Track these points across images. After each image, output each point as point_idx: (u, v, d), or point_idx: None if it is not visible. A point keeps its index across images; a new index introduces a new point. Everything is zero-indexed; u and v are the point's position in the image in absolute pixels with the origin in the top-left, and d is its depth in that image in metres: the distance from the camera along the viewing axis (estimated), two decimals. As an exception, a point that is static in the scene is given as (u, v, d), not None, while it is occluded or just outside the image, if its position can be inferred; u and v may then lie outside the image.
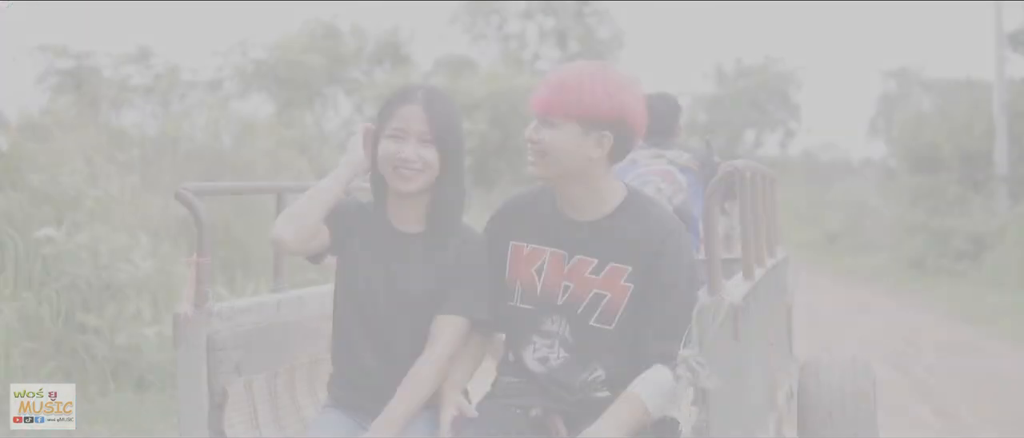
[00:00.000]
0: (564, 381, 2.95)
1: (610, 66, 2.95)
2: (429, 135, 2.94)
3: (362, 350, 3.04)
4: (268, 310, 3.37)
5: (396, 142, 2.94)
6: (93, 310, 6.89)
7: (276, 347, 3.35)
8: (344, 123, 17.86)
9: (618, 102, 2.86)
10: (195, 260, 3.05)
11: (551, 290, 2.96)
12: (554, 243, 2.99)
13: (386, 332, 3.02)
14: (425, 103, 2.97)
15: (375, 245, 3.04)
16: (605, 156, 2.90)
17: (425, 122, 2.94)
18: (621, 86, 2.88)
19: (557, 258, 2.97)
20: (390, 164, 2.95)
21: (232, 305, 3.19)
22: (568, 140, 2.86)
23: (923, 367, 9.16)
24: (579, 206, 2.96)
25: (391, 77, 17.70)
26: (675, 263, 2.89)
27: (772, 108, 46.18)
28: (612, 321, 2.92)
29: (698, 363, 2.66)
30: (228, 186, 3.55)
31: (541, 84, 2.95)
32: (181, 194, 3.03)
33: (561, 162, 2.88)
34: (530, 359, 2.99)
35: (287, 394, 3.39)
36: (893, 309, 13.93)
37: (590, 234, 2.95)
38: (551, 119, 2.88)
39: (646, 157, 5.76)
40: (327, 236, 2.99)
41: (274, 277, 3.64)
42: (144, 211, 8.42)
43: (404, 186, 2.95)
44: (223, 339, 3.09)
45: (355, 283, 3.03)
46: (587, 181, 2.93)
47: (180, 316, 3.02)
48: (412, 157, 2.93)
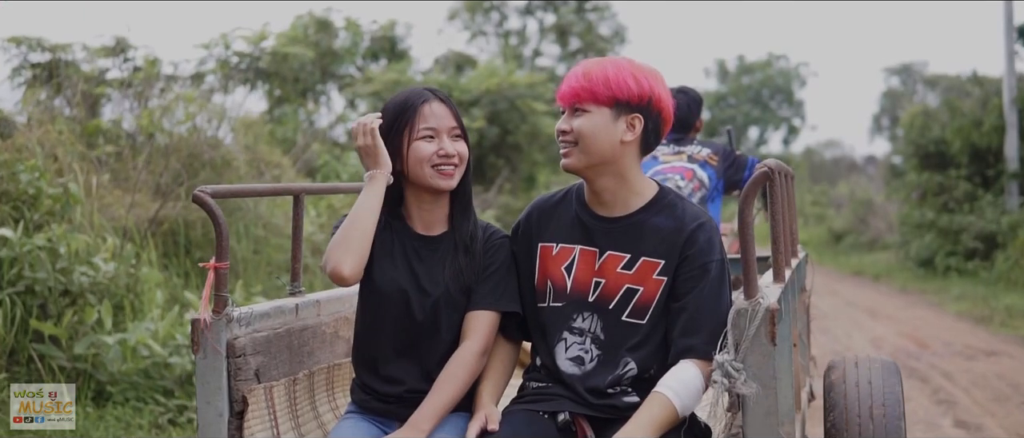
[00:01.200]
0: (595, 384, 2.98)
1: (632, 60, 3.00)
2: (458, 130, 3.06)
3: (387, 356, 3.10)
4: (287, 314, 3.38)
5: (431, 142, 3.01)
6: (50, 317, 6.51)
7: (295, 352, 3.37)
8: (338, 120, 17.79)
9: (647, 85, 2.93)
10: (213, 265, 3.05)
11: (581, 286, 3.01)
12: (584, 240, 3.03)
13: (412, 337, 3.07)
14: (446, 100, 3.07)
15: (398, 250, 3.09)
16: (637, 142, 2.96)
17: (453, 118, 3.06)
18: (648, 73, 2.96)
19: (587, 255, 3.02)
20: (428, 164, 3.01)
21: (251, 310, 3.19)
22: (600, 125, 2.92)
23: (941, 374, 8.86)
24: (610, 201, 3.01)
25: (387, 73, 17.67)
26: (705, 255, 2.92)
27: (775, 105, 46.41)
28: (645, 316, 2.96)
29: (734, 368, 2.68)
30: (246, 188, 3.53)
31: (565, 79, 3.00)
32: (198, 196, 3.02)
33: (594, 149, 2.94)
34: (563, 360, 3.02)
35: (306, 400, 3.39)
36: (903, 310, 13.83)
37: (621, 229, 3.00)
38: (581, 106, 2.94)
39: (665, 153, 5.77)
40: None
41: (291, 280, 3.63)
42: (111, 211, 8.16)
43: (446, 183, 3.04)
44: (242, 345, 3.10)
45: (380, 289, 3.07)
46: (619, 172, 2.98)
47: (199, 322, 3.03)
48: (452, 151, 3.02)
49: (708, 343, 2.83)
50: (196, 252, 8.68)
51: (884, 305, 14.56)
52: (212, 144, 9.67)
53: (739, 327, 2.70)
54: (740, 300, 2.70)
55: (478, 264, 3.09)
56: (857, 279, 19.60)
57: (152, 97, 10.09)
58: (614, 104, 2.91)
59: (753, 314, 2.67)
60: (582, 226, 3.05)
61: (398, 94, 3.13)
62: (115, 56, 11.04)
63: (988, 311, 12.77)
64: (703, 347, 2.85)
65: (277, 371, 3.25)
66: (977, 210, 18.03)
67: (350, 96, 17.69)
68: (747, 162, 5.96)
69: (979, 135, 18.49)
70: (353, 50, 18.36)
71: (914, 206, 20.48)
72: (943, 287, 16.05)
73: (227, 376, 3.06)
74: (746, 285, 2.70)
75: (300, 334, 3.40)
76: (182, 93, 10.38)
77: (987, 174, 18.65)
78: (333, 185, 5.16)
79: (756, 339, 2.67)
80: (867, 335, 11.32)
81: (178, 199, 8.80)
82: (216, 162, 9.44)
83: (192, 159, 9.37)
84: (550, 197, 3.19)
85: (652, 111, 2.95)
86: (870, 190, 30.62)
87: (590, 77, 2.93)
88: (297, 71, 17.01)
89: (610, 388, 2.97)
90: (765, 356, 2.68)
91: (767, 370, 2.68)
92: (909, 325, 12.13)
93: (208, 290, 3.04)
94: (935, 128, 20.04)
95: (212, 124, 10.25)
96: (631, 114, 2.93)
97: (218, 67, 14.74)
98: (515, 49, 27.29)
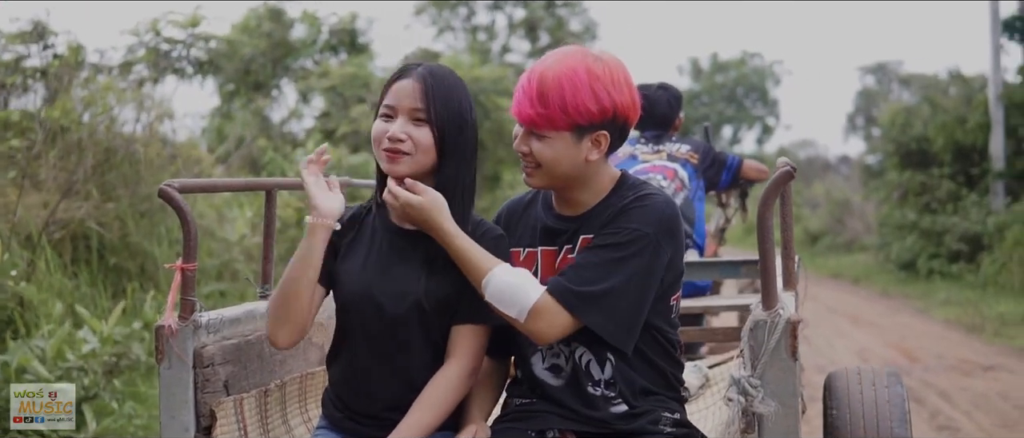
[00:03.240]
0: (579, 393, 2.87)
1: (589, 57, 2.79)
2: (422, 113, 2.81)
3: (362, 364, 2.91)
4: (258, 319, 3.27)
5: (387, 121, 2.84)
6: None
7: (266, 361, 3.26)
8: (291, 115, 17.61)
9: (607, 101, 2.76)
10: (180, 265, 2.92)
11: None
12: (545, 241, 2.94)
13: (388, 342, 2.88)
14: (421, 78, 2.83)
15: (374, 246, 2.93)
16: (602, 154, 2.84)
17: (418, 98, 2.81)
18: (607, 81, 2.77)
19: (549, 255, 2.93)
20: (379, 145, 2.83)
21: (221, 315, 3.08)
22: (561, 149, 2.80)
23: (937, 393, 8.39)
24: (577, 204, 2.92)
25: (345, 67, 17.50)
26: (631, 220, 2.77)
27: (749, 104, 46.83)
28: None
29: (751, 386, 2.58)
30: (217, 183, 3.41)
31: (519, 91, 2.82)
32: (164, 191, 2.89)
33: (558, 172, 2.83)
34: (540, 370, 2.92)
35: (278, 414, 3.29)
36: (887, 316, 13.77)
37: (581, 223, 2.89)
38: (539, 133, 2.80)
39: (645, 152, 5.73)
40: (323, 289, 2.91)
41: (261, 282, 3.52)
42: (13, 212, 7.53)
43: (390, 167, 2.82)
44: (210, 354, 2.98)
45: (353, 289, 2.90)
46: (585, 181, 2.88)
47: (164, 329, 2.90)
48: (399, 135, 2.80)
49: (569, 284, 2.72)
50: (110, 257, 8.14)
51: (866, 311, 14.52)
52: (128, 139, 9.05)
53: (757, 340, 2.60)
54: (758, 311, 2.61)
55: None
56: (836, 282, 19.63)
57: (74, 87, 9.55)
58: (574, 128, 2.77)
59: (772, 326, 2.58)
60: (545, 228, 2.95)
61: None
62: (34, 42, 10.58)
63: (979, 319, 12.62)
64: (562, 285, 2.73)
65: (248, 382, 3.14)
66: (961, 211, 18.11)
67: (303, 89, 17.47)
68: (727, 161, 5.94)
69: (963, 133, 18.60)
70: (310, 43, 18.17)
71: (895, 206, 20.58)
72: (927, 291, 16.08)
73: (194, 388, 2.94)
74: (764, 295, 2.61)
75: None
76: (104, 82, 9.92)
77: (971, 173, 18.76)
78: (303, 180, 5.02)
79: (776, 353, 2.58)
80: (851, 345, 11.16)
81: (88, 198, 8.21)
82: (135, 158, 8.82)
83: (109, 154, 8.74)
84: (520, 199, 3.09)
85: (617, 124, 2.80)
86: (846, 190, 30.75)
87: (546, 101, 2.74)
88: (247, 63, 16.80)
89: (589, 387, 2.84)
90: (785, 372, 2.59)
91: (787, 387, 2.59)
92: (895, 334, 12.00)
93: (174, 294, 2.92)
94: (917, 125, 20.14)
95: (134, 117, 9.79)
96: (595, 133, 2.79)
97: (147, 55, 14.36)
98: (483, 45, 27.21)
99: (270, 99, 17.63)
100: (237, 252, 9.66)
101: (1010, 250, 15.16)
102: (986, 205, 17.79)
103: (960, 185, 18.81)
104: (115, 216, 8.16)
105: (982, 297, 14.55)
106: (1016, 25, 18.47)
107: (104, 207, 8.12)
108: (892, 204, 20.96)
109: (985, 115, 18.20)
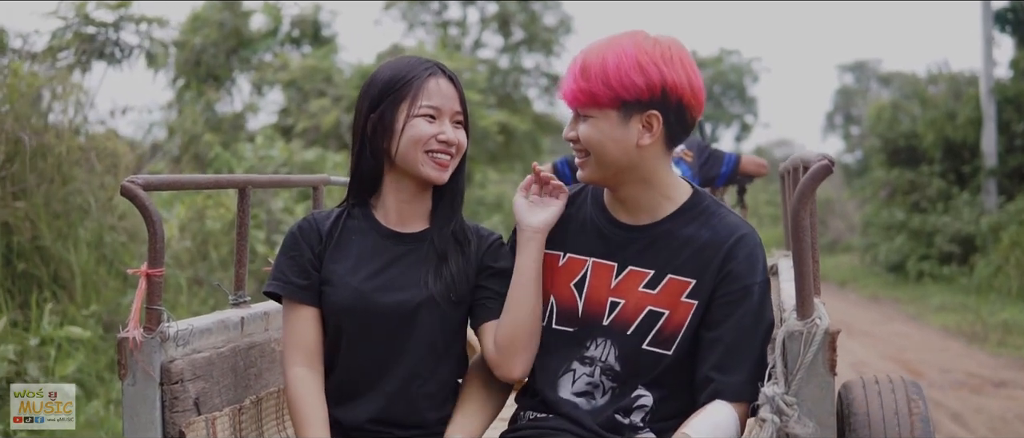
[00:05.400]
0: (607, 420, 2.74)
1: (640, 35, 2.68)
2: (461, 116, 2.85)
3: (352, 376, 2.84)
4: (231, 330, 3.13)
5: (432, 122, 2.79)
6: None
7: (241, 375, 3.10)
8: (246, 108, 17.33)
9: (655, 75, 2.62)
10: (145, 271, 2.76)
11: (595, 308, 2.77)
12: (600, 252, 2.79)
13: (380, 357, 2.82)
14: (453, 79, 2.85)
15: (365, 252, 2.86)
16: (660, 142, 2.69)
17: (458, 101, 2.84)
18: (656, 56, 2.64)
19: (603, 269, 2.77)
20: (423, 147, 2.79)
21: (191, 325, 2.91)
22: (607, 132, 2.66)
23: (948, 414, 7.85)
24: (635, 208, 2.77)
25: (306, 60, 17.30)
26: (747, 275, 2.67)
27: (727, 102, 47.15)
28: (671, 345, 2.71)
29: (786, 403, 2.43)
30: (185, 179, 3.24)
31: (566, 72, 2.75)
32: (127, 188, 2.72)
33: (608, 160, 2.69)
34: (569, 393, 2.78)
35: (254, 432, 3.14)
36: (881, 324, 13.59)
37: (647, 240, 2.75)
38: (583, 112, 2.69)
39: None
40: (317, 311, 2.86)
41: (235, 288, 3.36)
42: None
43: (439, 174, 2.81)
44: (179, 369, 2.81)
45: (344, 298, 2.82)
46: (644, 178, 2.73)
47: (127, 342, 2.74)
48: (454, 139, 2.80)
49: (748, 382, 2.59)
50: (18, 263, 7.42)
51: (858, 318, 14.32)
52: (37, 130, 8.28)
53: (792, 353, 2.45)
54: (792, 321, 2.46)
55: (472, 268, 2.85)
56: (821, 285, 19.51)
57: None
58: (620, 106, 2.64)
59: (809, 337, 2.43)
60: (598, 234, 2.80)
61: (395, 62, 2.88)
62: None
63: (981, 327, 12.39)
64: (741, 387, 2.60)
65: (220, 399, 2.98)
66: (952, 210, 18.12)
67: (256, 81, 17.24)
68: (723, 157, 5.86)
69: (953, 128, 18.62)
70: (269, 34, 17.96)
71: (881, 206, 20.59)
72: (919, 296, 16.02)
73: (161, 407, 2.78)
74: (800, 303, 2.46)
75: (246, 353, 3.13)
76: (13, 64, 9.46)
77: (962, 171, 18.78)
78: (282, 178, 4.88)
79: (813, 368, 2.43)
80: (845, 357, 10.64)
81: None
82: (47, 151, 8.05)
83: (19, 147, 7.94)
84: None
85: (670, 102, 2.64)
86: (828, 189, 30.85)
87: (588, 75, 2.64)
88: (198, 54, 16.55)
89: (618, 414, 2.72)
90: (823, 389, 2.44)
91: (825, 405, 2.44)
92: (892, 345, 11.74)
93: (139, 303, 2.76)
94: (905, 121, 20.14)
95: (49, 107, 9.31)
96: (644, 113, 2.64)
97: (73, 40, 13.96)
98: (455, 40, 27.14)
99: (222, 92, 17.36)
100: (169, 257, 9.16)
101: (1006, 252, 15.08)
102: (979, 204, 17.80)
103: (951, 183, 18.84)
104: (24, 216, 7.51)
105: (979, 302, 14.41)
106: (1008, 17, 18.52)
107: (13, 206, 7.48)
108: (878, 203, 20.96)
109: (976, 110, 18.21)
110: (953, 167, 18.95)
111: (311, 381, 2.80)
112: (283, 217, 10.56)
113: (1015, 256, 14.75)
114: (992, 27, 18.24)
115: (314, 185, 3.99)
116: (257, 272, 7.87)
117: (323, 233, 2.85)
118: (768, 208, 34.34)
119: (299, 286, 2.82)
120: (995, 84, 17.90)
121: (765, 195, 35.50)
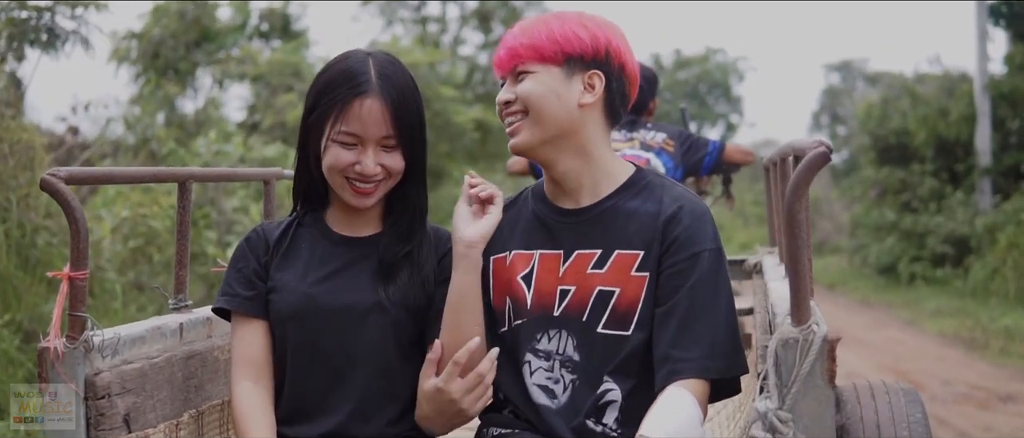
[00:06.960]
0: (578, 428, 2.61)
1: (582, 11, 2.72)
2: (393, 138, 2.67)
3: (305, 390, 2.73)
4: (169, 337, 3.00)
5: (349, 150, 2.66)
6: None
7: (179, 387, 2.96)
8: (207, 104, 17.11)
9: (601, 34, 2.65)
10: (67, 273, 2.59)
11: (545, 299, 2.68)
12: (544, 242, 2.71)
13: (334, 361, 2.71)
14: (384, 94, 2.65)
15: (315, 258, 2.77)
16: (599, 106, 2.65)
17: (388, 123, 2.66)
18: (600, 20, 2.70)
19: (549, 259, 2.70)
20: (340, 176, 2.67)
21: (118, 333, 2.76)
22: (550, 85, 2.61)
23: (955, 433, 7.39)
24: (574, 188, 2.70)
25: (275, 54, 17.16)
26: (695, 242, 2.58)
27: (712, 101, 47.53)
28: (628, 325, 2.61)
29: (780, 420, 2.26)
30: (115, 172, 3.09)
31: (499, 43, 2.71)
32: (48, 181, 2.56)
33: (548, 117, 2.62)
34: (533, 387, 2.68)
35: (193, 451, 2.95)
36: (874, 330, 13.33)
37: (590, 221, 2.67)
38: (523, 68, 2.63)
39: (617, 140, 5.53)
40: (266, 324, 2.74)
41: (174, 292, 3.20)
42: None
43: (359, 201, 2.71)
44: (106, 382, 2.67)
45: (291, 303, 2.72)
46: (582, 147, 2.66)
47: (48, 352, 2.59)
48: (372, 170, 2.66)
49: (707, 357, 2.49)
50: None
51: (849, 323, 13.95)
52: None
53: (786, 364, 2.27)
54: (786, 327, 2.29)
55: (427, 275, 2.76)
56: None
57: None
58: (564, 60, 2.61)
59: (806, 346, 2.26)
60: (541, 225, 2.73)
61: (337, 65, 2.72)
62: None
63: (981, 334, 12.06)
64: (700, 363, 2.49)
65: (154, 414, 2.83)
66: (945, 210, 18.02)
67: (218, 75, 17.04)
68: (708, 144, 5.74)
69: (946, 126, 18.53)
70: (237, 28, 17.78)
71: (871, 206, 20.53)
72: (912, 299, 15.87)
73: (86, 425, 2.64)
74: (795, 306, 2.31)
75: (185, 363, 2.99)
76: None
77: (956, 169, 18.69)
78: (227, 170, 4.70)
79: (810, 379, 2.28)
80: (838, 368, 10.53)
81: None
82: None
83: None
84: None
85: (613, 66, 2.64)
86: (816, 188, 30.85)
87: (530, 33, 2.64)
88: (156, 46, 16.35)
89: (589, 420, 2.60)
90: (821, 402, 2.29)
91: (824, 421, 2.28)
92: (888, 354, 11.41)
93: (60, 308, 2.61)
94: (895, 118, 20.05)
95: None
96: (588, 71, 2.62)
97: (4, 24, 13.62)
98: (434, 36, 27.20)
99: (182, 86, 17.13)
100: (103, 260, 8.90)
101: (1003, 254, 14.91)
102: (973, 204, 17.71)
103: (944, 182, 18.74)
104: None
105: (975, 306, 14.21)
106: (1002, 11, 18.47)
107: None
108: (868, 203, 20.89)
109: (970, 106, 18.14)
110: (946, 165, 18.84)
111: (257, 395, 2.68)
112: (237, 217, 10.40)
113: (1012, 258, 14.58)
114: (986, 21, 18.17)
115: (265, 179, 3.80)
116: (206, 275, 7.66)
117: (271, 243, 2.77)
118: (754, 208, 34.38)
119: (245, 298, 2.72)
120: (990, 80, 17.81)
121: (751, 194, 35.53)
